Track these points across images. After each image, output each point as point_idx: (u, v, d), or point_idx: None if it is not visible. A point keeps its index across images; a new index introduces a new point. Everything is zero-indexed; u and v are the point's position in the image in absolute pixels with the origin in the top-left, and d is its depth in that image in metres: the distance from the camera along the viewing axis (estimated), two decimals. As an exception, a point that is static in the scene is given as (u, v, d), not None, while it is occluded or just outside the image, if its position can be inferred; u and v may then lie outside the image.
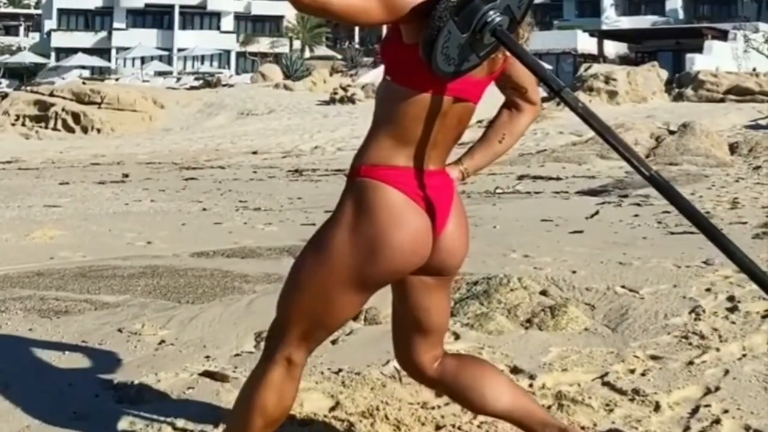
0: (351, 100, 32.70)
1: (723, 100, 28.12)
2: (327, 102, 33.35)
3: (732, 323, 4.25)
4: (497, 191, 12.07)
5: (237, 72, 60.55)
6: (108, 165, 19.43)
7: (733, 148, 17.33)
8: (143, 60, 61.29)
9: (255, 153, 21.97)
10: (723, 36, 46.71)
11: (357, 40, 69.24)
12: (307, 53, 63.06)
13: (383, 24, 2.13)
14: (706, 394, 3.37)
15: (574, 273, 5.38)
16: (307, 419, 3.09)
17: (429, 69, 2.10)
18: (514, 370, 3.65)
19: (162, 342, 4.09)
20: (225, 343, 4.05)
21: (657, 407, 3.22)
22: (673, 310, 4.50)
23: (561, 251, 6.39)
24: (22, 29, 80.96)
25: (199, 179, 15.39)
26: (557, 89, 1.98)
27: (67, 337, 4.14)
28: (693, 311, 4.45)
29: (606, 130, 1.94)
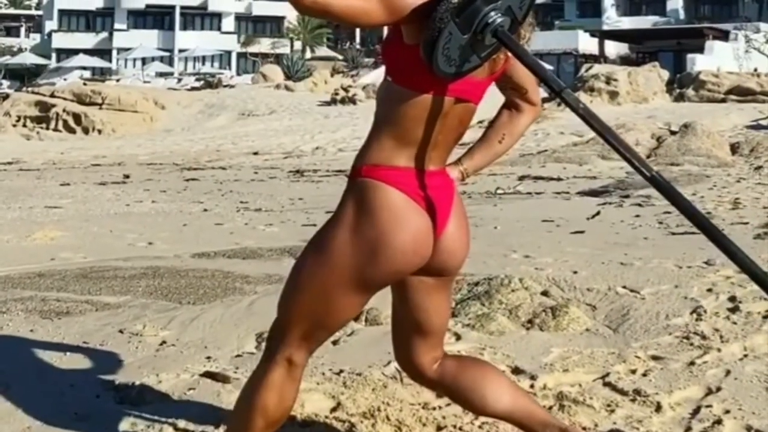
0: (352, 100, 32.72)
1: (724, 100, 28.12)
2: (328, 103, 33.36)
3: (733, 324, 4.25)
4: (498, 192, 12.07)
5: (238, 73, 60.57)
6: (109, 166, 19.45)
7: (735, 148, 17.32)
8: (144, 61, 61.32)
9: (256, 154, 21.98)
10: (724, 36, 46.70)
11: (358, 40, 69.26)
12: (308, 54, 63.08)
13: (384, 25, 2.13)
14: (707, 394, 3.36)
15: (575, 273, 5.37)
16: (308, 420, 3.09)
17: (430, 70, 2.10)
18: (515, 370, 3.65)
19: (163, 343, 4.08)
20: (226, 344, 4.05)
21: (658, 408, 3.22)
22: (675, 310, 4.50)
23: (562, 252, 6.39)
24: (23, 30, 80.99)
25: (200, 180, 15.40)
26: (558, 90, 1.98)
27: (69, 338, 4.14)
28: (694, 312, 4.45)
29: (607, 130, 1.94)
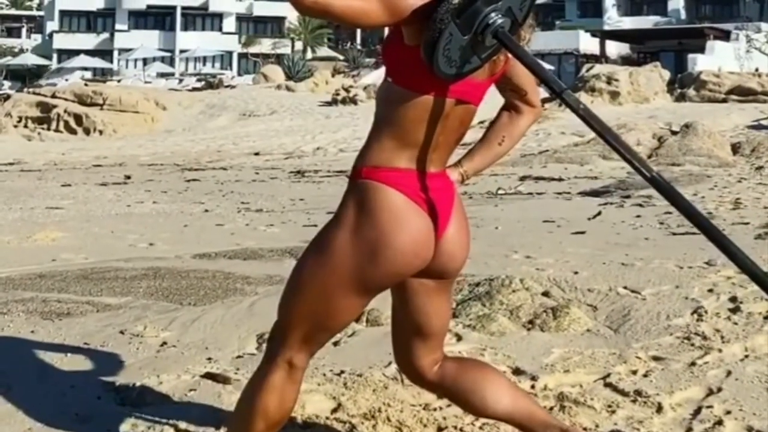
0: (353, 101, 32.72)
1: (725, 100, 28.11)
2: (329, 103, 33.37)
3: (734, 324, 4.24)
4: (499, 192, 12.07)
5: (239, 73, 60.57)
6: (110, 166, 19.45)
7: (736, 148, 17.31)
8: (145, 61, 61.34)
9: (257, 154, 21.98)
10: (725, 36, 46.71)
11: (359, 41, 69.27)
12: (309, 54, 63.11)
13: (385, 26, 2.13)
14: (708, 395, 3.36)
15: (576, 274, 5.37)
16: (309, 421, 3.09)
17: (430, 71, 2.10)
18: (516, 371, 3.65)
19: (164, 344, 4.08)
20: (227, 345, 4.05)
21: (659, 408, 3.22)
22: (676, 311, 4.50)
23: (563, 252, 6.39)
24: (24, 31, 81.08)
25: (201, 181, 15.41)
26: (559, 91, 1.98)
27: (69, 339, 4.14)
28: (695, 312, 4.44)
29: (607, 131, 1.94)
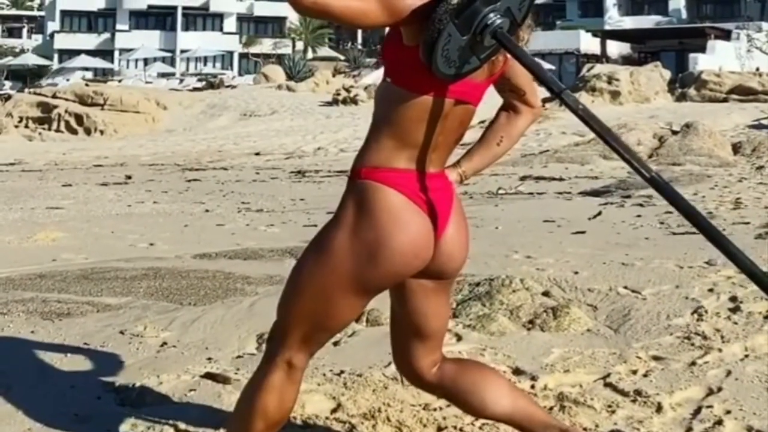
0: (354, 101, 32.71)
1: (726, 99, 28.09)
2: (330, 103, 33.36)
3: (734, 324, 4.24)
4: (500, 192, 12.07)
5: (240, 73, 60.60)
6: (111, 167, 19.46)
7: (736, 148, 17.29)
8: (146, 61, 61.37)
9: (258, 154, 21.98)
10: (726, 36, 46.73)
11: (360, 40, 69.28)
12: (310, 54, 63.14)
13: (383, 26, 2.13)
14: (708, 394, 3.36)
15: (576, 274, 5.37)
16: (309, 421, 3.09)
17: (429, 71, 2.10)
18: (516, 371, 3.65)
19: (164, 344, 4.08)
20: (227, 345, 4.05)
21: (659, 408, 3.22)
22: (676, 310, 4.49)
23: (563, 252, 6.38)
24: (25, 31, 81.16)
25: (202, 181, 15.41)
26: (558, 91, 1.98)
27: (69, 339, 4.14)
28: (695, 312, 4.44)
29: (606, 131, 1.93)
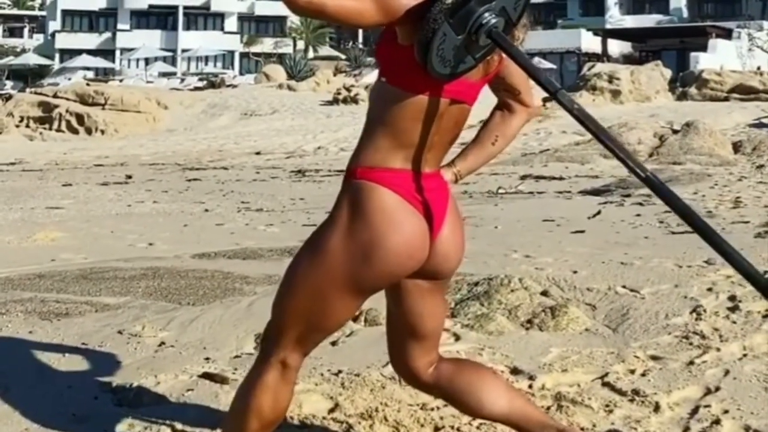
0: (354, 100, 32.71)
1: (727, 98, 28.07)
2: (330, 102, 33.36)
3: (733, 323, 4.24)
4: (500, 191, 12.06)
5: (241, 72, 60.61)
6: (111, 166, 19.46)
7: (737, 146, 17.30)
8: (147, 61, 61.36)
9: (258, 153, 21.98)
10: (727, 35, 46.66)
11: (361, 40, 69.24)
12: (311, 53, 63.13)
13: (379, 26, 2.13)
14: (706, 394, 3.36)
15: (575, 273, 5.37)
16: (306, 421, 3.09)
17: (424, 71, 2.09)
18: (514, 371, 3.65)
19: (162, 344, 4.08)
20: (225, 345, 4.04)
21: (657, 408, 3.22)
22: (674, 310, 4.50)
23: (562, 251, 6.38)
24: (26, 31, 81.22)
25: (202, 180, 15.41)
26: (553, 91, 1.98)
27: (68, 339, 4.14)
28: (694, 311, 4.44)
29: (601, 131, 1.93)
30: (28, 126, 31.69)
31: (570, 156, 16.39)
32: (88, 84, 37.24)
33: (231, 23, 69.77)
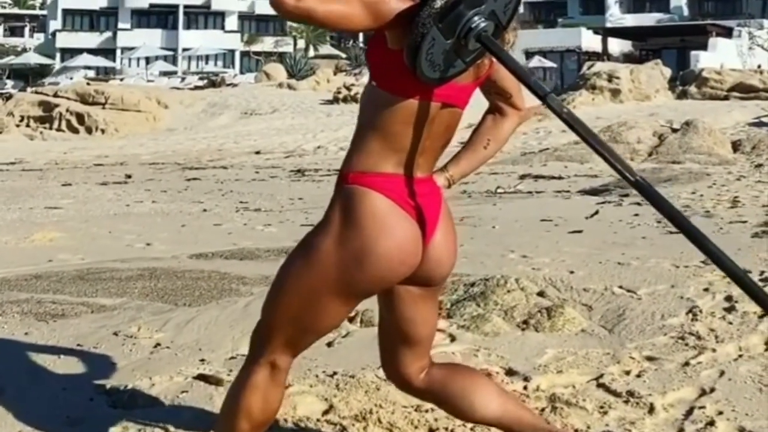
0: (354, 99, 32.63)
1: (727, 97, 28.04)
2: (330, 101, 33.34)
3: (729, 324, 4.25)
4: (498, 191, 12.06)
5: (241, 71, 60.60)
6: (111, 166, 19.44)
7: (736, 145, 17.27)
8: (148, 60, 61.36)
9: (258, 153, 21.96)
10: (728, 33, 46.62)
11: (361, 39, 69.19)
12: (311, 52, 63.12)
13: (368, 30, 2.12)
14: (701, 395, 3.36)
15: (572, 273, 5.37)
16: (300, 423, 3.09)
17: (414, 75, 2.09)
18: (509, 372, 3.65)
19: (157, 345, 4.08)
20: (221, 346, 4.04)
21: (651, 409, 3.22)
22: (671, 310, 4.50)
23: (560, 251, 6.38)
24: (27, 30, 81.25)
25: (202, 180, 15.40)
26: (542, 95, 1.97)
27: (63, 341, 4.14)
28: (690, 312, 4.44)
29: (591, 135, 1.93)
30: (28, 125, 31.67)
31: (569, 155, 16.37)
32: (88, 83, 37.25)
33: (231, 22, 69.77)
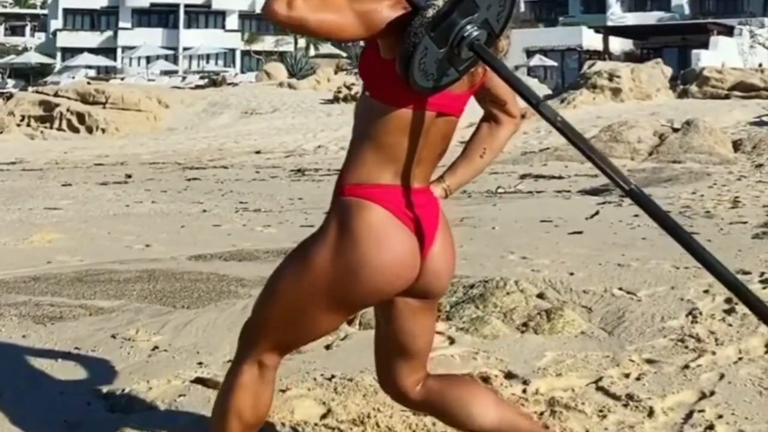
0: (355, 98, 32.60)
1: (728, 96, 27.97)
2: (330, 101, 33.31)
3: (729, 326, 4.23)
4: (499, 191, 12.04)
5: (242, 71, 60.57)
6: (111, 165, 19.41)
7: (737, 145, 17.23)
8: (149, 59, 61.33)
9: (258, 152, 21.93)
10: (729, 32, 46.56)
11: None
12: (312, 51, 63.06)
13: (360, 39, 2.10)
14: (700, 398, 3.36)
15: (571, 275, 5.35)
16: (297, 428, 3.08)
17: (407, 84, 2.07)
18: (508, 375, 3.64)
19: (155, 348, 4.07)
20: (218, 349, 4.03)
21: (651, 413, 3.21)
22: (670, 312, 4.49)
23: (559, 253, 6.37)
24: (27, 29, 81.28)
25: (202, 179, 15.38)
26: (535, 103, 1.96)
27: (61, 344, 4.13)
28: (690, 314, 4.43)
29: (583, 142, 1.92)
30: (29, 125, 31.63)
31: (570, 155, 16.31)
32: (89, 82, 37.21)
33: (232, 21, 69.79)
